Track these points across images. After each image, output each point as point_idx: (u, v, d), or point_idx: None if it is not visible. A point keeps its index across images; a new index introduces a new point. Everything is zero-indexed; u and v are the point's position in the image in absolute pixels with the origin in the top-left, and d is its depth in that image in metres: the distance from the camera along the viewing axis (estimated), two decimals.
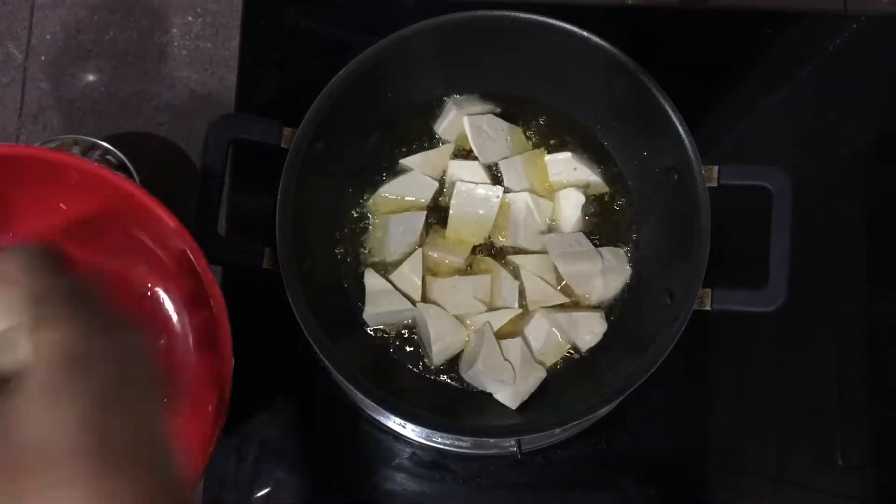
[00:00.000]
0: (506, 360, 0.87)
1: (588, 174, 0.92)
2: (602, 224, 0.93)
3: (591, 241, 0.91)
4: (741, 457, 1.01)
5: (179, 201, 1.08)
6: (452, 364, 0.89)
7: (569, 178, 0.92)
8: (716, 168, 0.83)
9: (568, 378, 0.88)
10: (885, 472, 1.00)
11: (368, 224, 0.92)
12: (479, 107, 0.95)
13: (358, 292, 0.90)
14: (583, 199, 0.91)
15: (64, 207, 0.80)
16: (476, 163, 0.92)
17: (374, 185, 0.93)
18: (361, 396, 0.82)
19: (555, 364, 0.89)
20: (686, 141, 0.83)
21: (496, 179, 0.93)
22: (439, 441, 0.96)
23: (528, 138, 0.95)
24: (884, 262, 1.05)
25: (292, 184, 0.83)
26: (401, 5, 1.12)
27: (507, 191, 0.91)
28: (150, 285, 0.84)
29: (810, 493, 1.00)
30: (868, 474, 1.00)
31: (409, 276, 0.89)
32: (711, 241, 0.82)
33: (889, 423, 1.01)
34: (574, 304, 0.90)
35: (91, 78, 1.12)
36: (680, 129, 0.83)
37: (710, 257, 0.82)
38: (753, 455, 1.00)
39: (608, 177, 0.93)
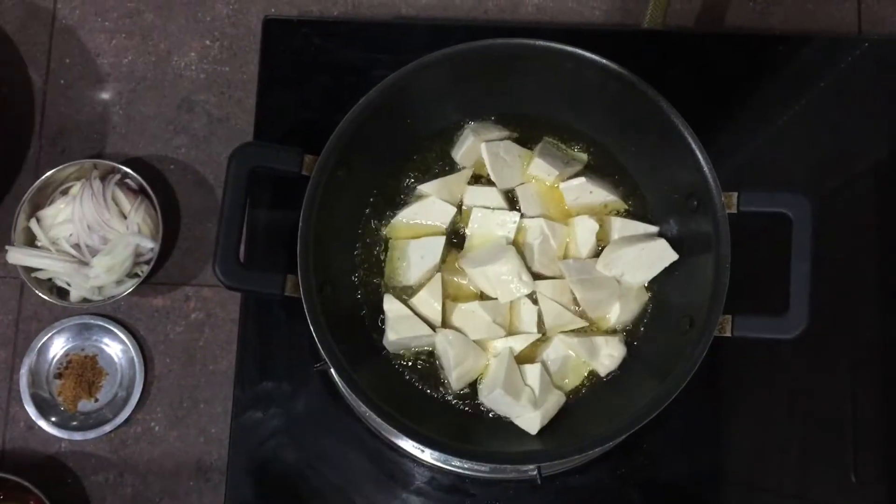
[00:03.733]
0: (526, 384, 0.87)
1: (605, 195, 0.92)
2: None
3: None
4: (758, 479, 1.01)
5: (198, 223, 1.10)
6: (472, 389, 0.89)
7: (586, 201, 0.93)
8: (735, 195, 0.83)
9: (588, 403, 0.89)
10: None
11: (387, 249, 0.93)
12: (496, 133, 0.95)
13: (377, 317, 0.91)
14: (597, 226, 0.91)
15: None
16: (493, 188, 0.93)
17: (393, 211, 0.93)
18: (380, 421, 0.82)
19: (575, 389, 0.90)
20: (706, 169, 0.83)
21: (513, 205, 0.93)
22: (458, 465, 0.96)
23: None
24: (894, 284, 1.05)
25: (314, 211, 0.83)
26: (413, 28, 1.13)
27: (523, 216, 0.92)
28: None
29: None
30: (882, 491, 1.00)
31: (429, 301, 0.89)
32: (730, 267, 0.82)
33: None
34: (592, 329, 0.91)
35: (109, 102, 1.13)
36: (700, 157, 0.83)
37: (729, 282, 0.82)
38: (770, 477, 1.00)
39: (627, 197, 0.94)
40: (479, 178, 0.94)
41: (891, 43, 1.12)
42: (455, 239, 0.93)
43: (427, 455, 0.96)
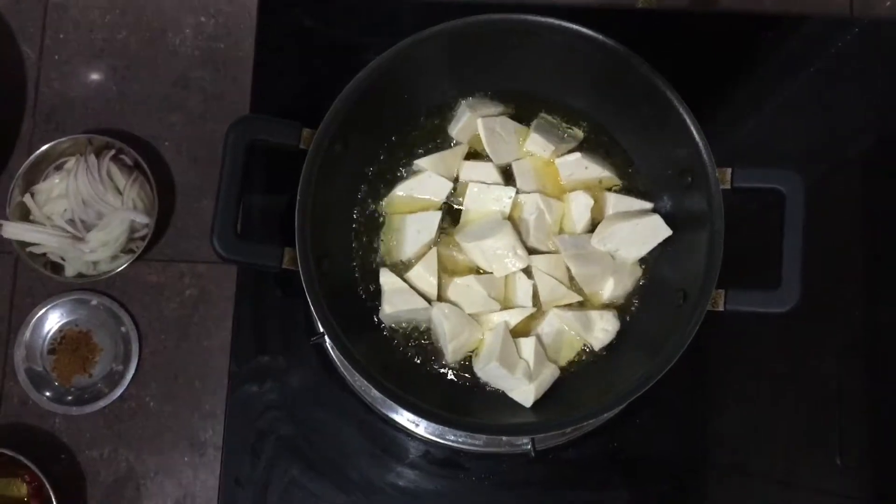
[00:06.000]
0: (521, 358, 0.88)
1: (600, 171, 0.93)
2: None
3: None
4: (747, 456, 1.02)
5: (193, 200, 1.10)
6: (467, 362, 0.90)
7: (581, 176, 0.93)
8: (729, 170, 0.84)
9: (582, 377, 0.90)
10: (882, 473, 1.01)
11: (383, 224, 0.93)
12: (492, 108, 0.96)
13: (373, 291, 0.91)
14: (591, 201, 0.92)
15: None
16: (489, 164, 0.93)
17: (389, 186, 0.94)
18: (376, 394, 0.83)
19: (569, 363, 0.91)
20: (701, 145, 0.84)
21: (508, 180, 0.94)
22: (452, 439, 0.97)
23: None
24: (882, 267, 1.06)
25: (311, 185, 0.84)
26: (409, 5, 1.13)
27: (519, 192, 0.92)
28: None
29: (813, 493, 1.01)
30: (866, 475, 1.01)
31: (425, 275, 0.90)
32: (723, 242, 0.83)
33: (886, 425, 1.03)
34: (587, 303, 0.91)
35: (103, 78, 1.13)
36: (695, 133, 0.84)
37: (722, 258, 0.83)
38: (759, 455, 1.02)
39: (621, 173, 0.94)
40: (475, 154, 0.95)
41: (881, 25, 1.13)
42: (451, 214, 0.93)
43: (421, 429, 0.97)
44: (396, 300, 0.89)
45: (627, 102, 0.91)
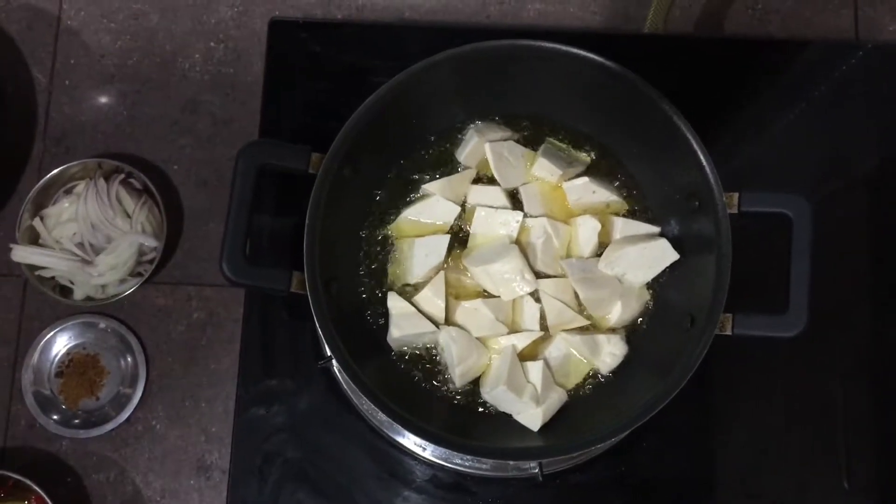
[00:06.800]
0: (528, 382, 0.88)
1: (608, 195, 0.93)
2: None
3: None
4: (755, 479, 1.01)
5: (201, 223, 1.10)
6: (475, 386, 0.90)
7: (588, 201, 0.94)
8: (736, 195, 0.84)
9: (590, 401, 0.89)
10: (889, 496, 1.01)
11: (391, 248, 0.93)
12: (500, 133, 0.96)
13: (381, 314, 0.91)
14: (599, 225, 0.92)
15: None
16: (497, 188, 0.94)
17: (397, 210, 0.94)
18: (383, 417, 0.83)
19: (576, 387, 0.90)
20: (708, 169, 0.84)
21: (516, 204, 0.94)
22: (459, 463, 0.97)
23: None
24: (888, 289, 1.06)
25: (320, 209, 0.84)
26: (416, 31, 1.14)
27: (526, 216, 0.93)
28: None
29: None
30: (874, 497, 1.01)
31: (433, 298, 0.90)
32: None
33: (893, 448, 1.02)
34: (594, 327, 0.91)
35: (113, 102, 1.14)
36: (702, 157, 0.84)
37: (729, 281, 0.83)
38: (767, 478, 1.01)
39: (629, 198, 0.95)
40: (482, 178, 0.95)
41: (886, 49, 1.14)
42: (458, 238, 0.93)
43: (428, 453, 0.97)
44: (404, 324, 0.89)
45: (634, 127, 0.91)
